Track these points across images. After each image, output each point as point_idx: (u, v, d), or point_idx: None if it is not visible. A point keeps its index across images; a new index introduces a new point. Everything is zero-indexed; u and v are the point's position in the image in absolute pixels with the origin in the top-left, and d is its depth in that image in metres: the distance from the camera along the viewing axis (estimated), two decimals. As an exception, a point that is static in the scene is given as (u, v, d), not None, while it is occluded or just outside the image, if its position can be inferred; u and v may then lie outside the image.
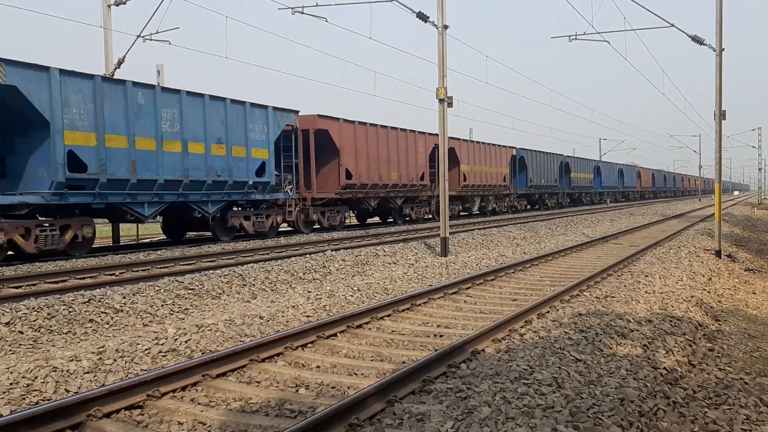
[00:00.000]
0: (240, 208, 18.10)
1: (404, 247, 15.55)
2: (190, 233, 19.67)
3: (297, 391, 5.33)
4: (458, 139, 29.20)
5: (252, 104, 17.48)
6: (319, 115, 20.18)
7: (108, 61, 19.53)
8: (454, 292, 9.73)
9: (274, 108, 18.28)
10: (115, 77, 15.04)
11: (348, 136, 21.44)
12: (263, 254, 14.37)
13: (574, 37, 18.88)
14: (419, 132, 25.81)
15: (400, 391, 4.91)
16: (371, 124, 22.82)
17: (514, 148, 35.68)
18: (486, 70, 24.30)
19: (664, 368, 5.75)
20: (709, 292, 10.61)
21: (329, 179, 21.06)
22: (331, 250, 14.40)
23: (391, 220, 26.82)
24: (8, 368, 5.58)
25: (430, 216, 28.17)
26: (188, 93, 15.58)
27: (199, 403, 5.02)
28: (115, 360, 6.02)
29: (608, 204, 52.83)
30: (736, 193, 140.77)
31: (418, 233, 20.39)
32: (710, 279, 11.99)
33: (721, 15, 15.20)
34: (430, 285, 10.46)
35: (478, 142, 31.41)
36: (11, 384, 5.26)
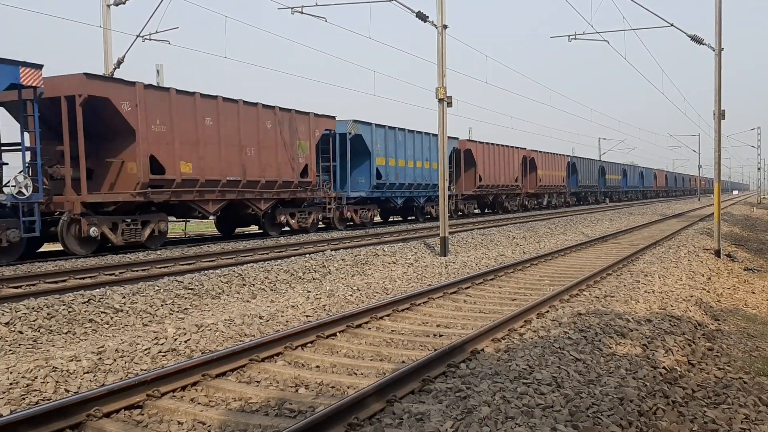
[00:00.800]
0: (430, 201, 27.78)
1: (404, 246, 15.55)
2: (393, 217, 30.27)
3: (297, 390, 5.34)
4: (537, 151, 38.89)
5: (419, 132, 26.43)
6: (468, 140, 30.79)
7: (107, 61, 19.51)
8: (454, 292, 9.74)
9: (449, 137, 26.59)
10: (390, 126, 24.13)
11: (480, 152, 31.44)
12: (263, 254, 14.38)
13: (573, 36, 18.89)
14: (516, 147, 35.80)
15: (399, 391, 4.92)
16: (492, 144, 32.68)
17: (569, 156, 45.56)
18: (485, 69, 24.35)
19: (664, 368, 5.76)
20: (708, 291, 10.62)
21: (469, 182, 31.33)
22: (331, 250, 14.41)
23: (489, 211, 36.00)
24: (8, 368, 5.59)
25: (516, 208, 36.99)
26: (417, 132, 25.92)
27: (199, 403, 5.02)
28: (114, 360, 6.03)
29: (608, 203, 53.12)
30: (735, 192, 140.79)
31: (417, 233, 20.39)
32: (709, 278, 12.00)
33: (721, 14, 15.21)
34: (430, 285, 10.47)
35: (549, 153, 40.90)
36: (11, 384, 5.27)
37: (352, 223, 23.17)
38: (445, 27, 14.72)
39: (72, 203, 13.61)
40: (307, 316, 8.15)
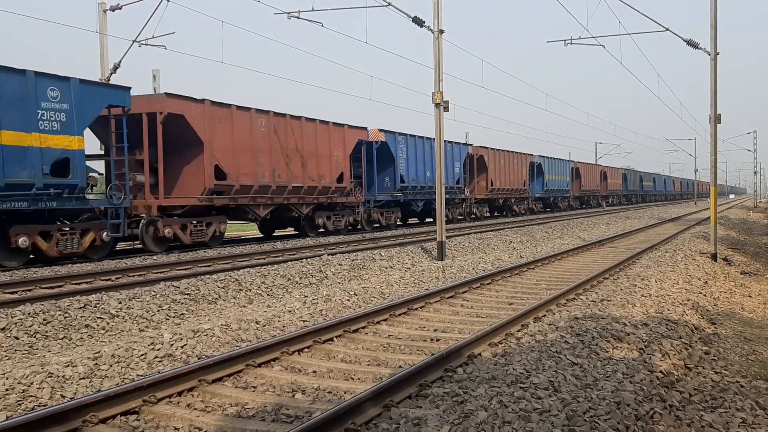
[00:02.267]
0: (563, 200, 44.68)
1: (401, 251, 15.55)
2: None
3: (293, 396, 5.33)
4: (607, 166, 58.83)
5: (560, 160, 43.67)
6: (578, 161, 47.83)
7: (104, 65, 19.50)
8: (451, 296, 9.73)
9: (569, 160, 45.09)
10: (552, 156, 42.12)
11: (583, 169, 48.84)
12: (259, 259, 14.36)
13: (569, 41, 18.93)
14: (597, 164, 56.40)
15: (396, 396, 4.91)
16: (589, 163, 52.03)
17: (623, 169, 65.11)
18: (482, 74, 24.54)
19: (661, 372, 5.76)
20: (705, 295, 10.63)
21: (576, 188, 48.13)
22: (328, 255, 14.39)
23: (585, 206, 52.40)
24: (4, 374, 5.57)
25: (597, 204, 55.07)
26: (560, 159, 43.57)
27: (195, 409, 5.01)
28: (111, 365, 6.01)
29: (605, 208, 53.48)
30: (732, 196, 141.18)
31: (414, 237, 20.40)
32: (706, 282, 12.01)
33: (716, 19, 15.26)
34: (427, 289, 10.46)
35: (610, 167, 60.20)
36: (7, 390, 5.25)
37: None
38: (441, 32, 14.76)
39: (469, 198, 31.53)
40: (303, 321, 8.13)
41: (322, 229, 21.69)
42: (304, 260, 13.22)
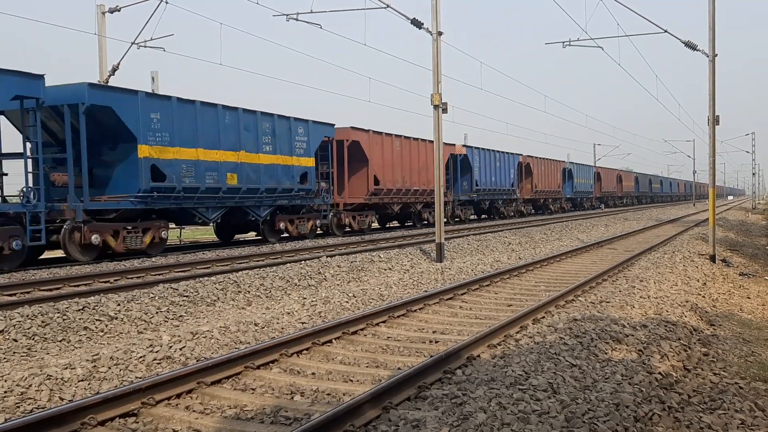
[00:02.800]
0: (587, 200, 52.89)
1: (400, 252, 15.55)
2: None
3: (292, 398, 5.32)
4: (621, 170, 65.27)
5: (586, 165, 51.45)
6: (605, 168, 56.50)
7: (102, 68, 19.51)
8: (450, 298, 9.73)
9: (593, 165, 53.51)
10: (578, 162, 49.52)
11: (604, 173, 56.97)
12: (258, 261, 14.36)
13: (567, 43, 18.94)
14: (615, 169, 62.29)
15: (395, 398, 4.91)
16: (607, 168, 58.22)
17: (635, 172, 71.47)
18: (480, 76, 24.67)
19: (659, 373, 5.77)
20: (703, 296, 10.64)
21: (611, 185, 59.44)
22: (327, 257, 14.39)
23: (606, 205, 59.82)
24: (2, 376, 5.56)
25: (615, 204, 62.06)
26: (584, 164, 51.52)
27: (194, 411, 5.00)
28: (109, 368, 6.00)
29: (603, 209, 53.60)
30: (730, 197, 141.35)
31: (413, 239, 20.40)
32: (705, 284, 12.02)
33: (714, 21, 15.28)
34: (426, 291, 10.46)
35: (626, 170, 66.91)
36: (5, 392, 5.24)
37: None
38: (440, 34, 14.77)
39: (519, 198, 37.57)
40: (302, 323, 8.13)
41: (425, 221, 28.00)
42: (303, 262, 13.21)
